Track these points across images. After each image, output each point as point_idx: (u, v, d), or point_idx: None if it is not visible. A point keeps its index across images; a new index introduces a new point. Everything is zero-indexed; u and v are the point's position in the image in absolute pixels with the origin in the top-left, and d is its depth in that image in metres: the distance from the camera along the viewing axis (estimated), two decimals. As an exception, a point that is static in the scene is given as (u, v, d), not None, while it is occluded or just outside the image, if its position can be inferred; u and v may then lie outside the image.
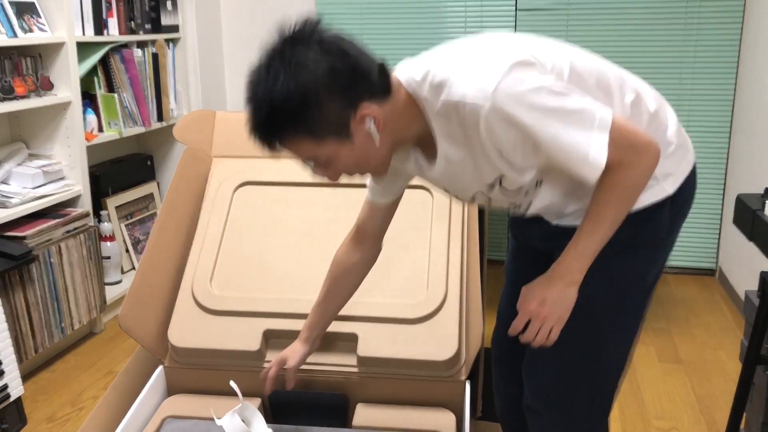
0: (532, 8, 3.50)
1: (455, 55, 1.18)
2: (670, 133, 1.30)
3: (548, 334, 1.26)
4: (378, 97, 1.15)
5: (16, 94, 2.60)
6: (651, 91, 1.31)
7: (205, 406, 1.68)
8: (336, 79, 1.10)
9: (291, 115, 1.10)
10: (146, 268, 1.79)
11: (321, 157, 1.16)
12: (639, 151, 1.16)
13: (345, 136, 1.14)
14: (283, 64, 1.10)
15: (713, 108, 3.42)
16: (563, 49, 1.25)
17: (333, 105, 1.11)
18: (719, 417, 2.30)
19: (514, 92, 1.09)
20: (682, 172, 1.31)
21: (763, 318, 1.72)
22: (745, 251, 3.08)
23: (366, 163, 1.20)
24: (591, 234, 1.22)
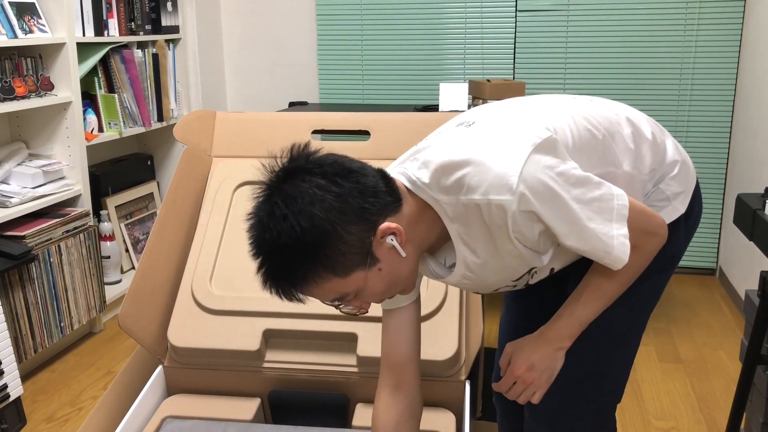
0: (532, 9, 3.50)
1: (465, 147, 1.08)
2: (671, 152, 1.28)
3: (532, 395, 1.26)
4: (392, 209, 1.05)
5: (16, 94, 2.60)
6: (642, 116, 1.30)
7: (204, 406, 1.68)
8: (349, 203, 1.00)
9: (309, 257, 0.99)
10: (146, 268, 1.79)
11: (350, 293, 1.06)
12: (651, 234, 1.15)
13: (372, 262, 1.04)
14: (285, 201, 0.99)
15: (713, 108, 3.42)
16: (564, 105, 1.21)
17: (352, 233, 1.00)
18: (719, 417, 2.30)
19: (536, 185, 1.03)
20: (689, 188, 1.29)
21: (763, 318, 1.72)
22: (745, 251, 3.08)
23: (396, 282, 1.10)
24: (588, 305, 1.20)
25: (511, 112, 1.15)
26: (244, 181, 1.99)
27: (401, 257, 1.07)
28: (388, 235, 1.04)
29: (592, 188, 1.08)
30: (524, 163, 1.03)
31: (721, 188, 3.49)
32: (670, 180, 1.27)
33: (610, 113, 1.24)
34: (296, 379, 1.70)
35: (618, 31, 3.44)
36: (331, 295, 1.06)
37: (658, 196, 1.27)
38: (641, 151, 1.23)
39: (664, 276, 1.31)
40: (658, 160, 1.26)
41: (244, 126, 2.07)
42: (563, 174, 1.05)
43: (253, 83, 3.96)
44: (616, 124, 1.22)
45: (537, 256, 1.13)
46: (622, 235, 1.09)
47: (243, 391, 1.74)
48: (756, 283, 2.90)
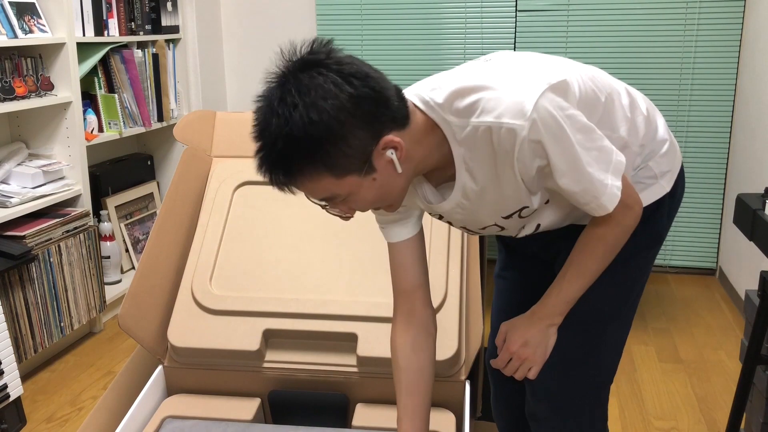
0: (532, 9, 3.50)
1: (482, 76, 1.11)
2: (662, 131, 1.31)
3: (528, 371, 1.31)
4: (398, 124, 1.06)
5: (16, 94, 2.60)
6: (638, 92, 1.33)
7: (204, 406, 1.68)
8: (360, 107, 1.00)
9: (311, 150, 0.99)
10: (146, 268, 1.79)
11: (340, 195, 1.07)
12: (627, 208, 1.18)
13: (368, 170, 1.04)
14: (300, 90, 0.98)
15: (713, 108, 3.42)
16: (571, 65, 1.23)
17: (357, 136, 1.00)
18: (719, 417, 2.30)
19: (548, 117, 1.05)
20: (675, 168, 1.33)
21: (763, 318, 1.72)
22: (745, 251, 3.08)
23: (386, 196, 1.11)
24: (573, 282, 1.25)
25: (527, 57, 1.20)
26: (244, 181, 1.99)
27: (397, 172, 1.08)
28: (390, 147, 1.04)
29: (594, 138, 1.12)
30: (539, 96, 1.06)
31: (721, 188, 3.49)
32: (660, 158, 1.29)
33: (611, 80, 1.28)
34: (296, 379, 1.70)
35: (618, 31, 3.44)
36: (322, 194, 1.06)
37: (647, 173, 1.29)
38: (636, 122, 1.26)
39: (651, 254, 1.34)
40: (650, 135, 1.28)
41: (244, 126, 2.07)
42: (571, 117, 1.08)
43: (253, 83, 3.96)
44: (616, 91, 1.26)
45: (528, 194, 1.16)
46: (615, 186, 1.13)
47: (243, 391, 1.74)
48: (756, 283, 2.90)
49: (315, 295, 1.75)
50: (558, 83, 1.10)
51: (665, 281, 3.50)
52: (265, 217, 1.92)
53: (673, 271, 3.62)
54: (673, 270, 3.62)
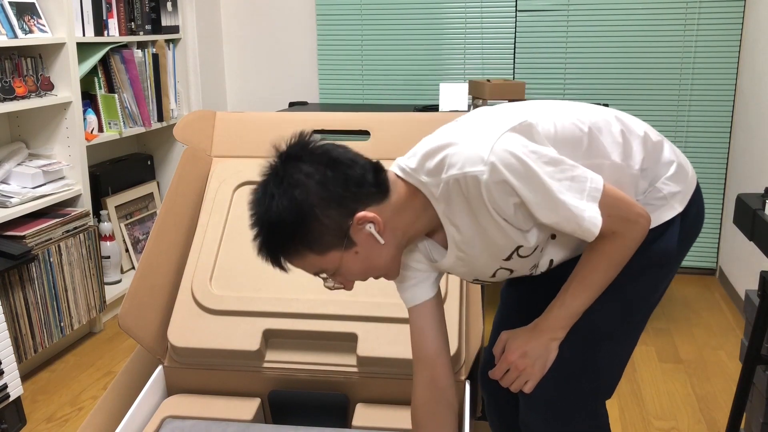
0: (532, 9, 3.50)
1: (449, 134, 1.17)
2: (667, 154, 1.31)
3: (524, 384, 1.30)
4: (375, 199, 1.15)
5: (16, 94, 2.60)
6: (634, 119, 1.34)
7: (204, 406, 1.68)
8: (329, 190, 1.11)
9: (288, 232, 1.11)
10: (146, 268, 1.79)
11: (329, 268, 1.16)
12: (631, 222, 1.19)
13: (347, 244, 1.14)
14: (276, 182, 1.12)
15: (713, 108, 3.42)
16: (549, 106, 1.27)
17: (330, 217, 1.11)
18: (719, 417, 2.30)
19: (507, 157, 1.10)
20: (687, 189, 1.32)
21: (763, 318, 1.72)
22: (745, 251, 3.08)
23: (374, 267, 1.19)
24: (577, 296, 1.24)
25: (497, 109, 1.24)
26: (244, 181, 1.99)
27: (379, 244, 1.16)
28: (366, 223, 1.13)
29: (565, 169, 1.14)
30: (497, 139, 1.11)
31: (721, 188, 3.49)
32: (667, 180, 1.29)
33: (599, 111, 1.29)
34: (296, 379, 1.70)
35: (618, 31, 3.44)
36: (312, 269, 1.17)
37: (655, 195, 1.29)
38: (631, 146, 1.27)
39: (660, 273, 1.32)
40: (652, 158, 1.29)
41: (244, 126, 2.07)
42: (536, 152, 1.12)
43: (253, 83, 3.96)
44: (604, 120, 1.27)
45: (520, 233, 1.18)
46: (592, 210, 1.14)
47: (243, 391, 1.74)
48: (756, 283, 2.90)
49: (315, 295, 1.75)
50: (519, 125, 1.15)
51: (665, 281, 3.50)
52: (265, 217, 1.92)
53: (673, 271, 3.62)
54: (673, 270, 3.62)
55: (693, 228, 1.35)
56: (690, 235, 1.35)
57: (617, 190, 1.19)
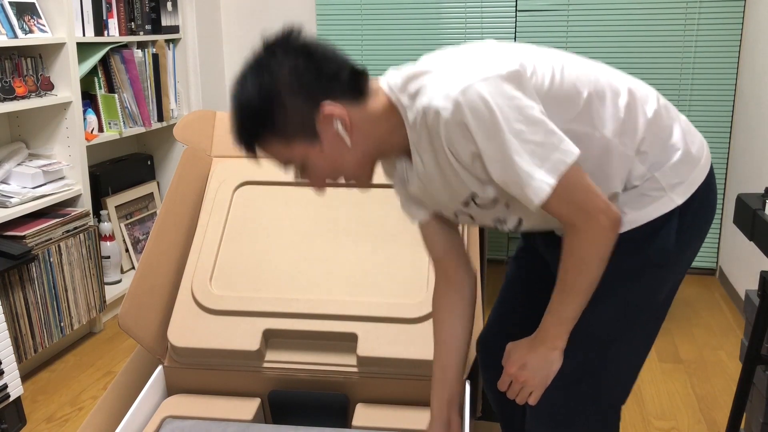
0: (532, 9, 3.50)
1: (438, 63, 1.14)
2: (675, 139, 1.23)
3: (528, 396, 1.27)
4: (347, 98, 1.13)
5: (16, 94, 2.60)
6: (652, 95, 1.26)
7: (204, 406, 1.68)
8: (297, 79, 1.10)
9: (258, 118, 1.12)
10: (146, 268, 1.79)
11: (295, 160, 1.16)
12: (589, 216, 1.12)
13: (313, 137, 1.13)
14: (252, 69, 1.13)
15: (713, 108, 3.42)
16: (556, 56, 1.21)
17: (295, 104, 1.11)
18: (719, 417, 2.30)
19: (477, 102, 1.06)
20: (692, 180, 1.23)
21: (763, 318, 1.72)
22: (745, 251, 3.08)
23: (340, 166, 1.17)
24: (563, 302, 1.20)
25: (499, 48, 1.18)
26: (244, 181, 1.99)
27: (346, 144, 1.15)
28: (334, 118, 1.12)
29: (538, 132, 1.08)
30: (477, 81, 1.07)
31: (721, 188, 3.49)
32: (669, 169, 1.22)
33: (609, 77, 1.22)
34: (296, 379, 1.70)
35: (618, 31, 3.44)
36: (279, 159, 1.17)
37: (653, 185, 1.21)
38: (634, 123, 1.20)
39: (660, 273, 1.25)
40: (656, 142, 1.21)
41: (244, 126, 2.07)
42: (514, 106, 1.07)
43: (253, 83, 3.96)
44: (611, 88, 1.20)
45: (476, 182, 1.16)
46: (545, 182, 1.08)
47: (243, 391, 1.74)
48: (756, 283, 2.90)
49: (315, 295, 1.75)
50: (509, 73, 1.09)
51: (665, 281, 3.50)
52: (265, 217, 1.92)
53: (673, 271, 3.62)
54: (673, 270, 3.62)
55: (698, 221, 1.25)
56: (695, 229, 1.26)
57: (586, 178, 1.12)
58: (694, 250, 1.28)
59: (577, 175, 1.11)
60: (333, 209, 1.92)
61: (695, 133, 1.27)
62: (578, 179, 1.11)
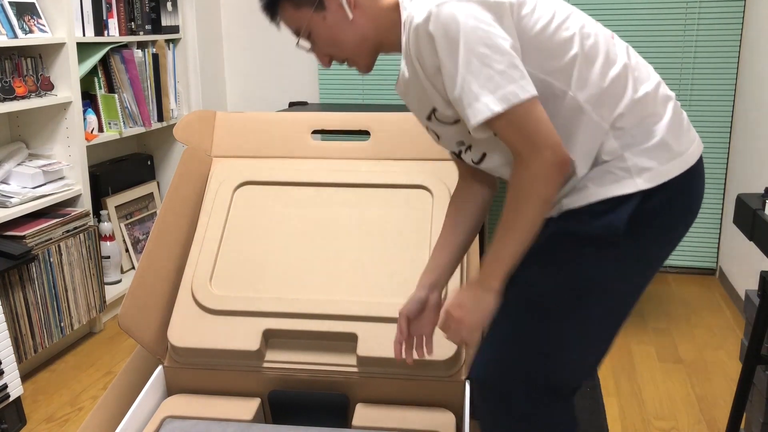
0: (532, 8, 3.50)
1: None
2: (660, 126, 1.20)
3: (465, 335, 1.24)
4: None
5: (16, 94, 2.60)
6: (653, 79, 1.24)
7: (204, 406, 1.68)
8: None
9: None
10: (146, 268, 1.79)
11: (302, 28, 1.23)
12: (536, 148, 1.11)
13: (318, 6, 1.21)
14: None
15: (713, 108, 3.42)
16: (571, 9, 1.22)
17: None
18: (719, 417, 2.30)
19: (448, 18, 1.10)
20: (665, 172, 1.19)
21: (763, 318, 1.72)
22: (745, 251, 3.08)
23: (339, 42, 1.24)
24: (501, 240, 1.17)
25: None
26: (244, 181, 1.99)
27: (348, 19, 1.22)
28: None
29: (501, 62, 1.10)
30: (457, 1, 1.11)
31: (721, 188, 3.49)
32: (641, 151, 1.19)
33: (610, 46, 1.22)
34: (296, 379, 1.70)
35: (618, 31, 3.44)
36: (290, 25, 1.25)
37: (620, 164, 1.19)
38: (617, 97, 1.19)
39: (604, 253, 1.20)
40: (637, 122, 1.19)
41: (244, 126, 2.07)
42: (483, 31, 1.10)
43: (253, 83, 3.96)
44: (606, 56, 1.20)
45: (438, 98, 1.20)
46: (487, 106, 1.10)
47: (243, 391, 1.74)
48: (756, 283, 2.90)
49: (315, 295, 1.75)
50: (495, 2, 1.13)
51: (665, 281, 3.50)
52: (265, 217, 1.92)
53: (673, 271, 3.62)
54: (673, 270, 3.62)
55: (663, 216, 1.20)
56: (658, 223, 1.20)
57: (542, 113, 1.11)
58: (654, 247, 1.23)
59: (530, 109, 1.11)
60: (333, 209, 1.92)
61: (689, 132, 1.25)
62: (530, 112, 1.11)
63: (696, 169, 1.24)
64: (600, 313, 1.24)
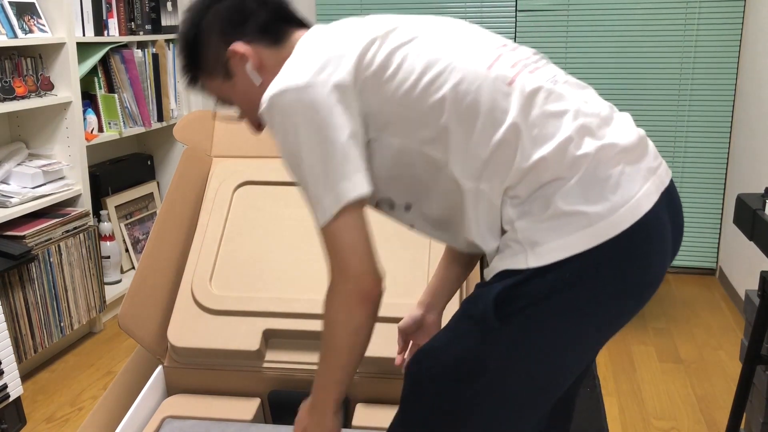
0: (532, 9, 3.50)
1: (306, 44, 1.09)
2: (562, 192, 0.98)
3: None
4: (261, 41, 1.16)
5: (16, 94, 2.60)
6: (562, 130, 1.00)
7: (204, 406, 1.68)
8: (215, 18, 1.17)
9: (185, 51, 1.21)
10: (146, 268, 1.79)
11: (219, 95, 1.22)
12: (340, 272, 1.02)
13: (227, 74, 1.18)
14: (189, 9, 1.22)
15: (713, 108, 3.42)
16: (444, 51, 1.05)
17: (211, 43, 1.17)
18: (719, 417, 2.30)
19: (283, 109, 1.02)
20: (565, 246, 0.97)
21: (763, 318, 1.72)
22: (745, 251, 3.08)
23: (254, 107, 1.20)
24: (321, 364, 1.09)
25: (375, 27, 1.10)
26: (244, 181, 1.99)
27: (255, 84, 1.18)
28: (239, 56, 1.16)
29: (333, 156, 1.00)
30: (293, 85, 1.02)
31: (720, 188, 3.49)
32: (534, 222, 0.99)
33: (498, 101, 1.01)
34: (296, 379, 1.70)
35: (618, 31, 3.44)
36: (208, 93, 1.24)
37: (512, 236, 1.01)
38: (503, 165, 1.00)
39: (474, 334, 1.03)
40: (529, 189, 1.00)
41: (244, 126, 2.07)
42: (318, 124, 1.00)
43: (253, 83, 3.96)
44: (488, 118, 1.00)
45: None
46: (329, 206, 1.01)
47: (243, 391, 1.74)
48: (756, 283, 2.90)
49: (315, 295, 1.75)
50: (336, 84, 1.02)
51: (665, 281, 3.50)
52: (265, 217, 1.92)
53: (673, 271, 3.62)
54: (673, 270, 3.62)
55: (568, 303, 0.98)
56: (559, 310, 0.98)
57: (361, 230, 1.01)
58: (554, 333, 1.00)
59: (353, 219, 1.01)
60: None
61: (620, 190, 0.99)
62: (351, 225, 1.01)
63: (630, 237, 0.98)
64: (488, 403, 1.05)
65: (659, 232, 1.01)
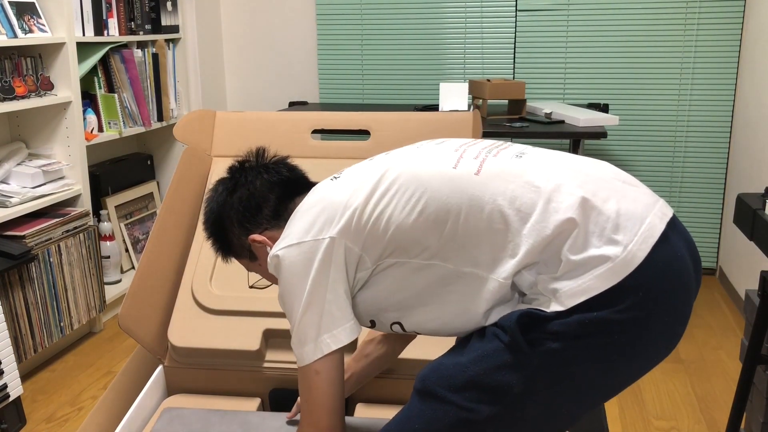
0: (532, 9, 3.50)
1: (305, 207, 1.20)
2: (566, 247, 1.03)
3: None
4: (273, 225, 1.27)
5: (16, 94, 2.60)
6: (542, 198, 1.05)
7: (204, 405, 1.68)
8: (231, 211, 1.28)
9: (214, 238, 1.33)
10: (146, 268, 1.79)
11: (249, 270, 1.34)
12: (311, 422, 1.16)
13: (252, 257, 1.30)
14: (209, 201, 1.33)
15: (713, 108, 3.42)
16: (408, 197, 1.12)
17: (233, 231, 1.29)
18: (719, 417, 2.30)
19: (284, 265, 1.15)
20: (586, 289, 1.01)
21: (763, 318, 1.72)
22: (745, 251, 3.08)
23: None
24: None
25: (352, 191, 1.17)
26: (244, 180, 1.99)
27: None
28: (258, 244, 1.26)
29: (324, 302, 1.13)
30: (292, 244, 1.15)
31: (721, 188, 3.49)
32: (551, 279, 1.04)
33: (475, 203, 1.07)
34: (296, 378, 1.70)
35: (618, 31, 3.44)
36: (242, 264, 1.34)
37: (532, 293, 1.08)
38: (500, 253, 1.06)
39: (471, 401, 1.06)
40: (531, 259, 1.05)
41: (244, 126, 2.07)
42: (314, 279, 1.13)
43: (253, 83, 3.96)
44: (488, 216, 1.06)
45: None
46: (311, 348, 1.14)
47: (243, 391, 1.74)
48: (756, 283, 2.90)
49: (315, 295, 1.75)
50: (331, 239, 1.13)
51: (665, 281, 3.50)
52: (265, 217, 1.92)
53: (673, 271, 3.62)
54: (673, 270, 3.62)
55: (568, 346, 1.02)
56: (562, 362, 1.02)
57: (336, 384, 1.14)
58: (581, 370, 1.03)
59: (328, 368, 1.14)
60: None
61: (623, 227, 1.03)
62: (326, 379, 1.14)
63: (646, 271, 1.01)
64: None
65: (677, 263, 1.04)
